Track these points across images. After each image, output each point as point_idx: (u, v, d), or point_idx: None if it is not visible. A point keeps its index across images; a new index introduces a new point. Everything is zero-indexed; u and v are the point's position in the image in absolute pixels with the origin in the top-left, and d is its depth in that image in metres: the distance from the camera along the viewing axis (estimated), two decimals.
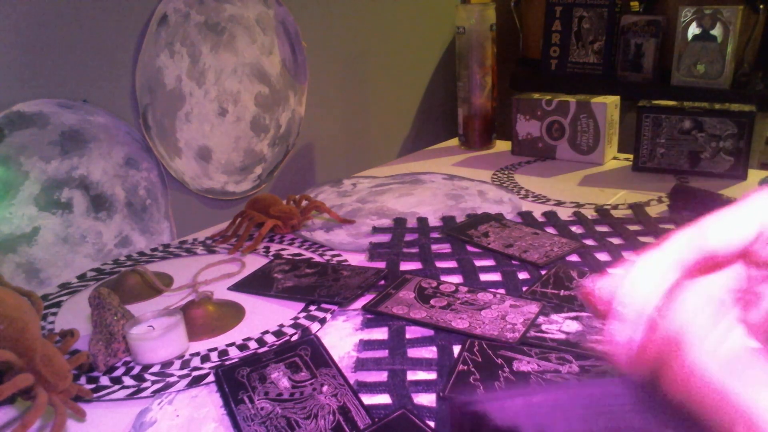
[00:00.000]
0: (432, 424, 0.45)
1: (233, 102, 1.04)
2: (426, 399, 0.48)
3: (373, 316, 0.61)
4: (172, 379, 0.53)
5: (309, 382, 0.50)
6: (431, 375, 0.51)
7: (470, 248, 0.77)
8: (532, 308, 0.60)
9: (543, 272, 0.68)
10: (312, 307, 0.65)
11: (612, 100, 1.09)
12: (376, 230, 0.84)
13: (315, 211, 0.87)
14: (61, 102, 0.80)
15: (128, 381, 0.53)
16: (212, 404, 0.50)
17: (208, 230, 0.90)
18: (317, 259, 0.77)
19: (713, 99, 1.16)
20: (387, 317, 0.60)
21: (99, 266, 0.80)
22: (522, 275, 0.68)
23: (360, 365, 0.53)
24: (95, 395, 0.51)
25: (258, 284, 0.70)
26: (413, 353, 0.54)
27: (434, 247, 0.77)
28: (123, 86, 0.88)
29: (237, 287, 0.70)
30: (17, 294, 0.52)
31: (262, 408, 0.47)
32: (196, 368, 0.55)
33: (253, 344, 0.58)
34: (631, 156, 1.06)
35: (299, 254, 0.79)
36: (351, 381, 0.50)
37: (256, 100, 1.08)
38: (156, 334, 0.55)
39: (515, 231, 0.80)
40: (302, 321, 0.62)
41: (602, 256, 0.72)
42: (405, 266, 0.72)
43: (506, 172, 1.10)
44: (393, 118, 1.44)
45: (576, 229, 0.81)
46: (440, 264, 0.72)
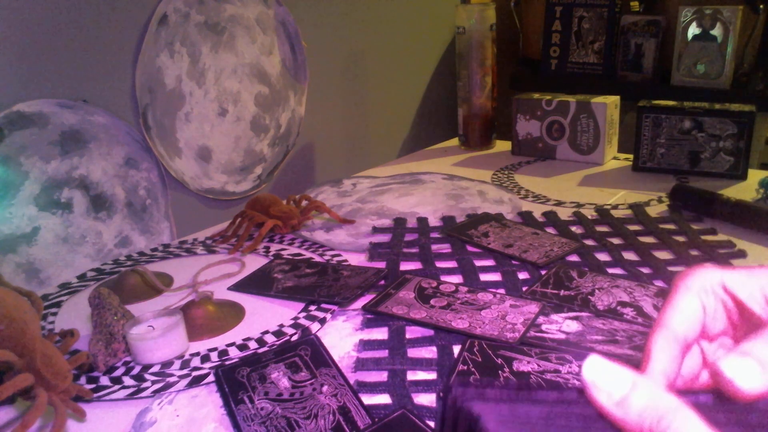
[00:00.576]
0: (432, 424, 0.45)
1: (233, 102, 1.04)
2: (426, 399, 0.48)
3: (373, 316, 0.61)
4: (172, 379, 0.53)
5: (309, 382, 0.50)
6: (431, 375, 0.51)
7: (470, 248, 0.77)
8: (532, 308, 0.60)
9: (543, 272, 0.68)
10: (312, 307, 0.65)
11: (612, 100, 1.10)
12: (376, 230, 0.84)
13: (315, 211, 0.87)
14: (61, 102, 0.80)
15: (128, 381, 0.53)
16: (212, 404, 0.50)
17: (208, 230, 0.90)
18: (317, 259, 0.77)
19: (713, 99, 1.16)
20: (387, 317, 0.60)
21: (99, 266, 0.80)
22: (522, 275, 0.68)
23: (360, 365, 0.53)
24: (95, 395, 0.51)
25: (258, 284, 0.70)
26: (413, 353, 0.54)
27: (434, 247, 0.77)
28: (123, 86, 0.88)
29: (237, 287, 0.70)
30: (17, 294, 0.52)
31: (262, 408, 0.47)
32: (196, 368, 0.55)
33: (253, 344, 0.58)
34: (631, 156, 1.06)
35: (299, 254, 0.79)
36: (351, 381, 0.50)
37: (256, 100, 1.08)
38: (156, 334, 0.55)
39: (515, 231, 0.80)
40: (302, 321, 0.62)
41: (602, 256, 0.72)
42: (405, 266, 0.72)
43: (506, 172, 1.10)
44: (393, 118, 1.44)
45: (576, 229, 0.81)
46: (440, 264, 0.72)
